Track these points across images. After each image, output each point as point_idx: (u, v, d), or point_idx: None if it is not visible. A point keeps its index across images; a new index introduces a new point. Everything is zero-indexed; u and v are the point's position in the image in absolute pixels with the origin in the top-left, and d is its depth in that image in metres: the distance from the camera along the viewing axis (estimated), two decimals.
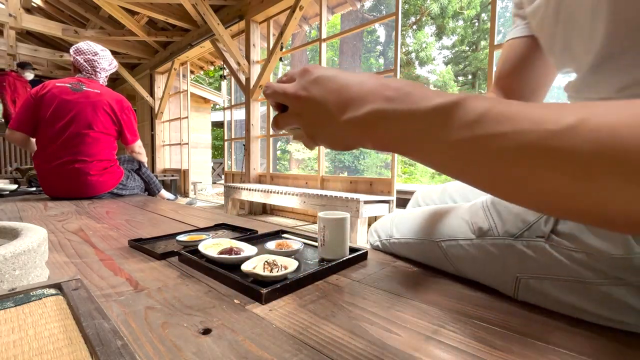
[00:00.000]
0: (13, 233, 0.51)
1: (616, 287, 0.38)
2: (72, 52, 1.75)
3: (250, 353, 0.35)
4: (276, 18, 4.01)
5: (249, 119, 4.15)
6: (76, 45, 1.77)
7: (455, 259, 0.57)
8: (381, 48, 13.08)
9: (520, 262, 0.47)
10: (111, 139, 1.79)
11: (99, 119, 1.71)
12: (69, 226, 1.00)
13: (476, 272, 0.54)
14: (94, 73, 1.79)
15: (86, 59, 1.75)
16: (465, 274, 0.56)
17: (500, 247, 0.49)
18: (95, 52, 1.77)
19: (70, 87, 1.69)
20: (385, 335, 0.39)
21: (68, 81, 1.73)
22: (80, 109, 1.67)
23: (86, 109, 1.68)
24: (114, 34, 5.03)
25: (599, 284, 0.39)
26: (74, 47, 1.76)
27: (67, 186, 1.66)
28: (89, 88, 1.73)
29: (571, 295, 0.42)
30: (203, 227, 0.95)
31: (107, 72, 1.86)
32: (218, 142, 12.27)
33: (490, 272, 0.51)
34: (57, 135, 1.64)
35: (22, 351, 0.28)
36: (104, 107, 1.72)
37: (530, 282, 0.46)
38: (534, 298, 0.47)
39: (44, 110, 1.65)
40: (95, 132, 1.70)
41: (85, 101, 1.69)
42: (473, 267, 0.54)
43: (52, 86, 1.68)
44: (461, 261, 0.56)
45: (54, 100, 1.64)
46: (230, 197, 3.92)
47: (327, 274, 0.58)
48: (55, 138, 1.65)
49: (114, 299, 0.48)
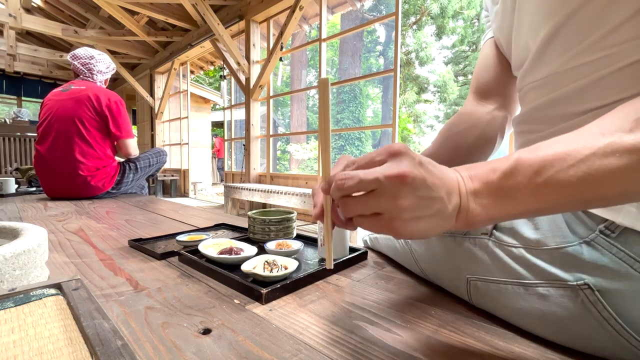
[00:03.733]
0: (13, 233, 0.51)
1: (554, 289, 0.36)
2: (69, 58, 1.82)
3: (250, 353, 0.35)
4: (276, 18, 4.01)
5: (249, 119, 4.15)
6: (73, 51, 1.83)
7: (418, 257, 0.55)
8: (381, 48, 13.08)
9: (468, 262, 0.45)
10: (100, 135, 1.75)
11: (81, 112, 1.70)
12: (69, 226, 0.99)
13: (436, 272, 0.52)
14: (90, 75, 1.83)
15: (82, 62, 1.81)
16: (428, 276, 0.55)
17: (452, 245, 0.47)
18: (91, 56, 1.83)
19: (62, 89, 1.77)
20: (385, 335, 0.39)
21: (63, 86, 1.80)
22: (63, 106, 1.70)
23: (68, 105, 1.70)
24: (114, 34, 5.02)
25: (536, 285, 0.37)
26: (71, 53, 1.82)
27: (63, 186, 1.68)
28: (76, 86, 1.76)
29: (517, 300, 0.39)
30: (203, 227, 0.95)
31: (105, 74, 1.88)
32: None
33: (447, 274, 0.49)
34: (46, 135, 1.69)
35: (22, 351, 0.28)
36: (85, 101, 1.71)
37: (478, 285, 0.44)
38: (488, 304, 0.44)
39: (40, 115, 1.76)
40: (79, 127, 1.68)
41: (68, 97, 1.72)
42: (433, 267, 0.52)
43: (51, 93, 1.79)
44: (424, 260, 0.54)
45: (48, 103, 1.75)
46: (230, 197, 3.92)
47: (327, 274, 0.58)
48: (44, 138, 1.69)
49: (114, 299, 0.48)
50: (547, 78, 0.42)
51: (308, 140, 10.72)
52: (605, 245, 0.34)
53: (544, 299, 0.37)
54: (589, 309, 0.34)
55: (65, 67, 6.60)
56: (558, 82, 0.40)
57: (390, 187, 0.28)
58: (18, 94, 6.73)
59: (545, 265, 0.37)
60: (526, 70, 0.46)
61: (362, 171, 0.29)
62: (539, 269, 0.37)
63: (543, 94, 0.42)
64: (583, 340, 0.35)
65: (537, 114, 0.44)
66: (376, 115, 13.03)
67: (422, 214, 0.28)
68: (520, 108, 0.49)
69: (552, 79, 0.41)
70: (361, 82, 11.39)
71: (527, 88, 0.46)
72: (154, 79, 6.05)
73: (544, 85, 0.42)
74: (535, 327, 0.39)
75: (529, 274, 0.38)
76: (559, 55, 0.39)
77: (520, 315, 0.40)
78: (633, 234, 0.32)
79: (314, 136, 8.73)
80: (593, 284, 0.33)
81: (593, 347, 0.35)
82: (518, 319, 0.40)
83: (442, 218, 0.29)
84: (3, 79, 6.47)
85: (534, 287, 0.38)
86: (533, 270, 0.38)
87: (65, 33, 4.73)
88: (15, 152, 4.69)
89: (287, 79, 13.13)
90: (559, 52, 0.39)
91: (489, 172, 0.30)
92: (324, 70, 3.50)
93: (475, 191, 0.30)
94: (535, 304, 0.37)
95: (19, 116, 5.22)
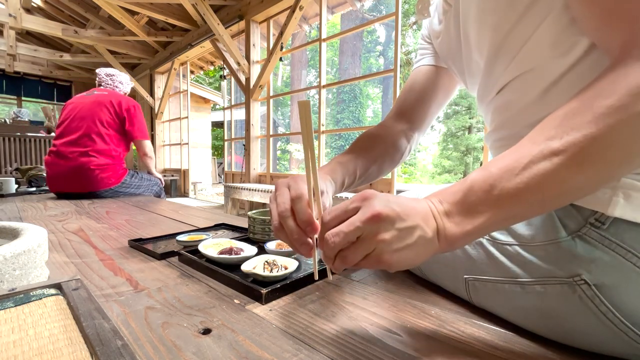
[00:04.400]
0: (13, 233, 0.51)
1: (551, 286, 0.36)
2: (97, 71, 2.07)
3: (250, 353, 0.35)
4: (276, 18, 4.01)
5: (249, 119, 4.15)
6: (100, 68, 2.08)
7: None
8: (381, 48, 13.08)
9: (465, 263, 0.45)
10: (117, 136, 1.90)
11: (102, 113, 1.86)
12: (69, 226, 0.99)
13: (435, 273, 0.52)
14: (112, 83, 2.03)
15: (106, 74, 2.05)
16: (428, 276, 0.55)
17: None
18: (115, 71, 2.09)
19: (85, 94, 1.95)
20: (385, 335, 0.39)
21: (87, 92, 1.98)
22: (84, 107, 1.85)
23: (89, 107, 1.85)
24: (114, 34, 5.02)
25: (533, 284, 0.38)
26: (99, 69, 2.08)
27: (70, 180, 1.76)
28: (99, 92, 1.94)
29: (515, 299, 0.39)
30: (203, 227, 0.95)
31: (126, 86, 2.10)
32: (218, 142, 12.28)
33: (446, 274, 0.50)
34: (65, 131, 1.82)
35: (22, 351, 0.28)
36: (106, 105, 1.88)
37: (476, 285, 0.44)
38: (487, 303, 0.44)
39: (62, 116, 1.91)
40: (98, 126, 1.82)
41: (90, 101, 1.88)
42: (432, 268, 0.53)
43: (74, 97, 1.96)
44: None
45: (70, 105, 1.90)
46: (230, 197, 3.92)
47: (327, 274, 0.58)
48: (63, 134, 1.82)
49: (114, 299, 0.48)
50: (501, 93, 0.46)
51: None
52: (597, 238, 0.34)
53: (542, 296, 0.37)
54: (586, 304, 0.34)
55: (65, 67, 6.61)
56: (511, 96, 0.44)
57: (370, 228, 0.31)
58: (18, 94, 6.73)
59: (540, 262, 0.37)
60: (481, 88, 0.51)
61: (344, 225, 0.32)
62: (534, 266, 0.38)
63: (503, 110, 0.46)
64: (582, 336, 0.35)
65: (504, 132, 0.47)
66: (376, 115, 13.04)
67: (406, 243, 0.31)
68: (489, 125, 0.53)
69: (506, 93, 0.45)
70: (361, 82, 11.39)
71: (489, 108, 0.50)
72: (154, 79, 6.05)
73: (501, 103, 0.46)
74: (534, 325, 0.39)
75: (524, 273, 0.38)
76: (504, 69, 0.43)
77: (520, 314, 0.40)
78: (623, 224, 0.33)
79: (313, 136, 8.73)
80: (589, 278, 0.33)
81: (592, 343, 0.35)
82: (517, 318, 0.40)
83: (426, 243, 0.32)
84: (3, 79, 6.47)
85: (530, 286, 0.38)
86: (529, 268, 0.38)
87: (65, 33, 4.73)
88: (15, 152, 4.69)
89: (287, 79, 13.13)
90: (503, 65, 0.43)
91: (453, 194, 0.33)
92: (324, 70, 3.50)
93: (447, 212, 0.33)
94: (533, 302, 0.37)
95: (19, 116, 5.22)
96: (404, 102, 0.68)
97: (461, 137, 10.72)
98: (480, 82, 0.50)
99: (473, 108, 10.38)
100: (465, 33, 0.49)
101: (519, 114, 0.43)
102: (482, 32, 0.45)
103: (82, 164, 1.75)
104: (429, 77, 0.66)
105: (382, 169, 0.65)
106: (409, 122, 0.67)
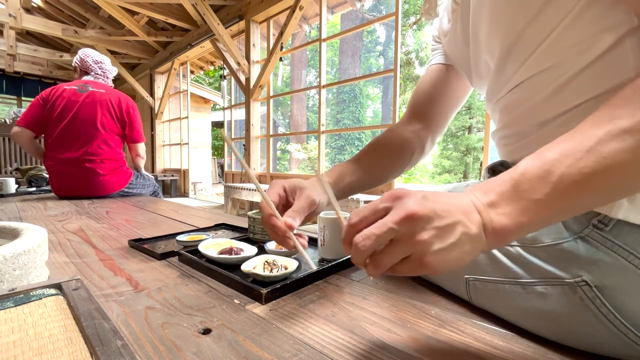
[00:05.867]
0: (13, 233, 0.51)
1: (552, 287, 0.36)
2: (80, 55, 1.85)
3: (250, 353, 0.35)
4: (276, 18, 4.01)
5: (248, 119, 4.15)
6: (83, 50, 1.86)
7: None
8: (381, 48, 13.07)
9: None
10: (118, 138, 1.85)
11: (103, 117, 1.77)
12: (69, 226, 0.99)
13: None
14: (102, 74, 1.88)
15: (94, 61, 1.86)
16: (428, 276, 0.55)
17: None
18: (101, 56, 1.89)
19: (77, 89, 1.77)
20: (385, 335, 0.39)
21: (75, 83, 1.80)
22: (85, 109, 1.74)
23: (90, 108, 1.75)
24: (114, 34, 5.02)
25: (534, 284, 0.37)
26: (82, 50, 1.85)
27: (77, 185, 1.71)
28: (94, 88, 1.80)
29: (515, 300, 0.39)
30: (203, 227, 0.95)
31: (112, 73, 1.95)
32: (218, 142, 12.28)
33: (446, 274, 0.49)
34: (65, 136, 1.71)
35: (22, 351, 0.28)
36: (107, 106, 1.79)
37: (477, 285, 0.44)
38: (488, 303, 0.44)
39: (52, 112, 1.72)
40: (101, 131, 1.75)
41: (90, 101, 1.76)
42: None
43: (62, 89, 1.76)
44: None
45: (62, 101, 1.73)
46: (230, 197, 3.92)
47: (327, 274, 0.58)
48: (63, 138, 1.71)
49: (114, 299, 0.48)
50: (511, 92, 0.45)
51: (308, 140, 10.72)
52: (600, 240, 0.34)
53: (543, 297, 0.37)
54: (587, 306, 0.34)
55: (65, 67, 6.60)
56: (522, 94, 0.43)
57: (405, 229, 0.28)
58: (18, 94, 6.73)
59: (541, 263, 0.37)
60: (490, 87, 0.49)
61: (375, 226, 0.29)
62: (535, 267, 0.37)
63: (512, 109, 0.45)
64: (583, 338, 0.35)
65: (511, 130, 0.46)
66: (376, 115, 13.04)
67: (448, 242, 0.28)
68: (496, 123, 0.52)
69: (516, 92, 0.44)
70: (361, 82, 11.38)
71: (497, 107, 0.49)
72: (154, 79, 6.05)
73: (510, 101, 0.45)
74: (535, 326, 0.39)
75: (525, 273, 0.38)
76: (516, 69, 0.42)
77: (520, 315, 0.40)
78: (626, 226, 0.33)
79: (313, 136, 8.71)
80: (590, 280, 0.33)
81: (593, 344, 0.35)
82: (518, 319, 0.40)
83: (471, 240, 0.28)
84: (3, 79, 6.47)
85: (531, 286, 0.38)
86: (530, 268, 0.38)
87: (65, 33, 4.73)
88: (15, 152, 4.68)
89: (287, 79, 13.12)
90: (516, 65, 0.42)
91: (501, 183, 0.30)
92: (324, 70, 3.50)
93: (492, 203, 0.29)
94: (534, 303, 0.37)
95: (19, 116, 5.22)
96: (415, 102, 0.68)
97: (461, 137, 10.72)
98: (489, 81, 0.49)
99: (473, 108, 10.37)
100: (475, 34, 0.49)
101: (529, 111, 0.43)
102: (494, 33, 0.44)
103: (91, 173, 1.71)
104: (439, 75, 0.66)
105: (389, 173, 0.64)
106: (421, 122, 0.67)
